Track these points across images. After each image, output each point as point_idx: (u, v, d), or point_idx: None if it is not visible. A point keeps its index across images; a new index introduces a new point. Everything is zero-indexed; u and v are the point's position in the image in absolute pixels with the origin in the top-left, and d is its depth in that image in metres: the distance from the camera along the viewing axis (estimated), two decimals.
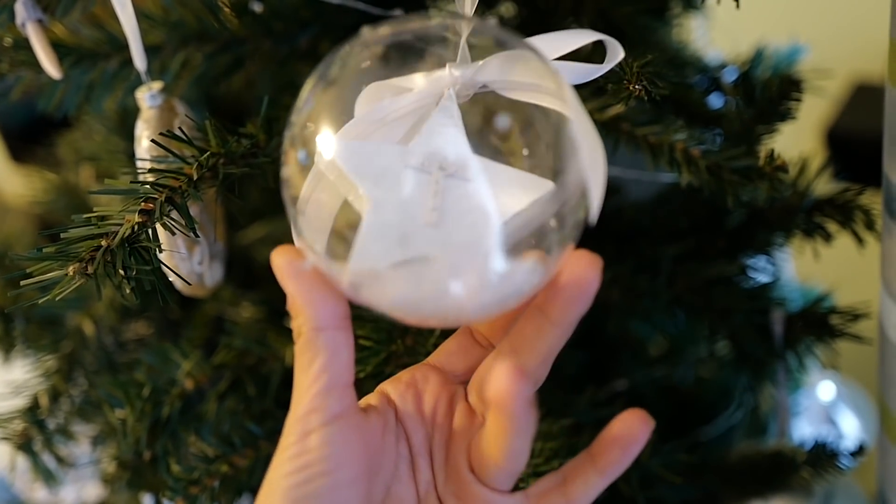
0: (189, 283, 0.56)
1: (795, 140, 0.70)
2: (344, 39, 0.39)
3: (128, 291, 0.45)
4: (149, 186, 0.47)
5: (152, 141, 0.51)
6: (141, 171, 0.50)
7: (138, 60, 0.53)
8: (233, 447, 0.58)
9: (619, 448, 0.40)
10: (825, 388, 1.04)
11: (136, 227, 0.45)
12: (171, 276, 0.55)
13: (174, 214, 0.47)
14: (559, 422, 0.57)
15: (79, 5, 0.54)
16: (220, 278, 0.60)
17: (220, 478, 0.56)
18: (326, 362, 0.38)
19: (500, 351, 0.40)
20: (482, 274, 0.35)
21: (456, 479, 0.41)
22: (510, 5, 0.69)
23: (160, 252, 0.51)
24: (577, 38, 0.42)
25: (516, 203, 0.37)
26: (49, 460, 0.68)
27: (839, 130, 1.43)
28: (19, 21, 0.53)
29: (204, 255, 0.57)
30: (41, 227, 1.12)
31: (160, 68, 0.60)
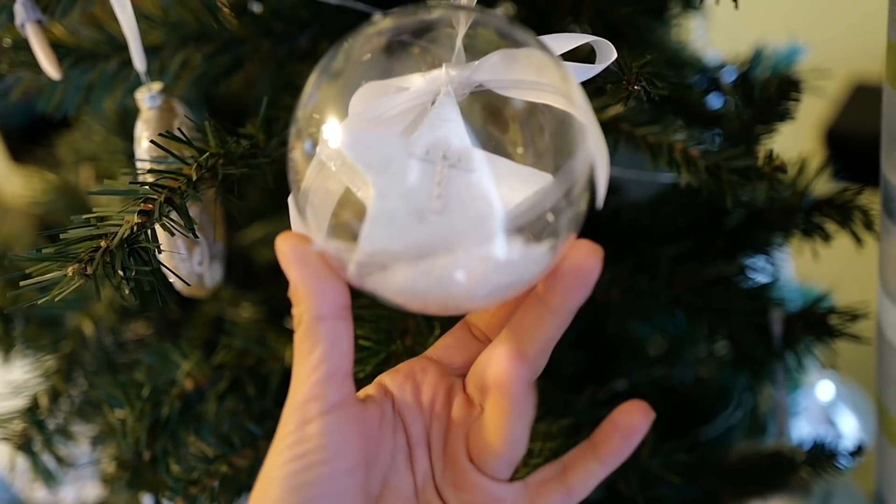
0: (189, 284, 0.56)
1: (794, 140, 0.70)
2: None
3: (127, 292, 0.45)
4: (148, 187, 0.47)
5: (151, 142, 0.51)
6: (140, 171, 0.50)
7: (138, 61, 0.53)
8: (232, 447, 0.58)
9: (621, 437, 0.40)
10: (824, 388, 1.04)
11: (136, 228, 0.45)
12: (171, 277, 0.55)
13: (173, 215, 0.47)
14: (559, 422, 0.57)
15: (78, 6, 0.54)
16: (220, 279, 0.60)
17: (219, 478, 0.56)
18: (326, 351, 0.38)
19: (500, 339, 0.40)
20: (485, 261, 0.35)
21: (454, 468, 0.41)
22: (509, 5, 0.69)
23: (160, 253, 0.51)
24: (569, 41, 0.42)
25: (518, 194, 0.37)
26: (49, 460, 0.68)
27: (838, 130, 1.43)
28: (19, 22, 0.53)
29: (204, 256, 0.57)
30: (41, 227, 1.12)
31: (160, 69, 0.60)
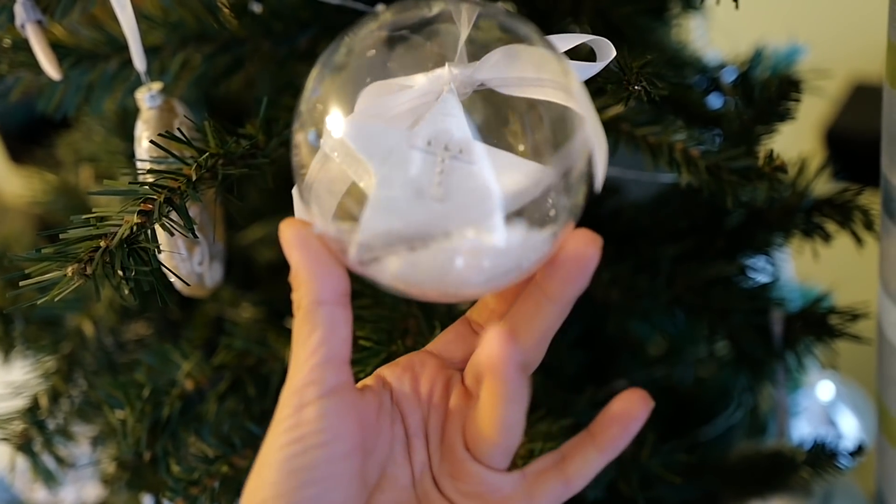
0: (188, 284, 0.56)
1: (795, 140, 0.70)
2: None
3: (126, 292, 0.45)
4: (148, 187, 0.47)
5: (151, 142, 0.51)
6: (140, 171, 0.50)
7: (138, 61, 0.53)
8: (233, 448, 0.58)
9: (620, 425, 0.40)
10: (824, 388, 1.04)
11: (135, 228, 0.45)
12: (171, 277, 0.55)
13: (173, 215, 0.47)
14: (559, 422, 0.57)
15: (78, 6, 0.54)
16: (220, 279, 0.60)
17: (220, 478, 0.56)
18: (324, 336, 0.38)
19: (493, 323, 0.40)
20: (484, 248, 0.36)
21: (451, 458, 0.41)
22: (510, 5, 0.69)
23: (159, 253, 0.51)
24: (568, 41, 0.42)
25: (518, 185, 0.38)
26: (49, 461, 0.68)
27: (838, 130, 1.43)
28: (19, 22, 0.53)
29: (204, 256, 0.57)
30: (40, 227, 1.12)
31: (160, 69, 0.60)
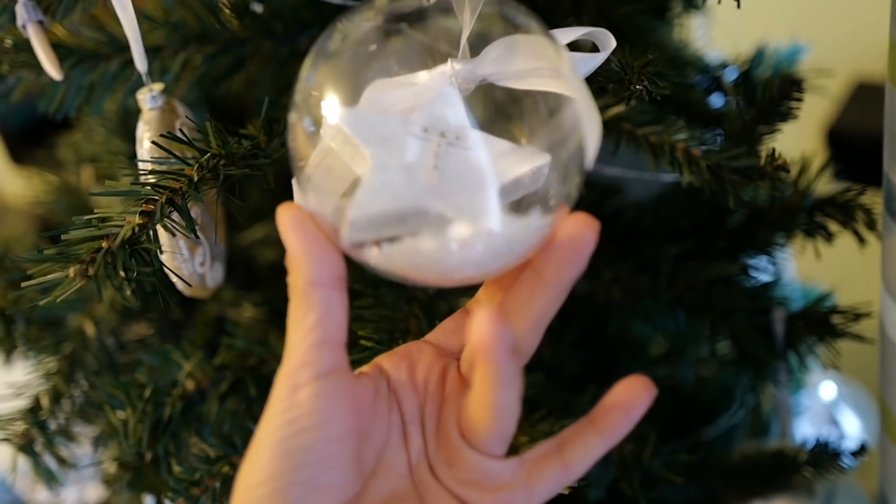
0: (190, 285, 0.56)
1: (796, 140, 0.70)
2: None
3: (128, 293, 0.45)
4: (149, 188, 0.47)
5: (153, 142, 0.51)
6: (142, 172, 0.50)
7: (139, 62, 0.53)
8: (234, 448, 0.58)
9: (622, 411, 0.40)
10: (827, 388, 1.04)
11: (137, 229, 0.45)
12: (173, 278, 0.55)
13: (175, 216, 0.47)
14: (560, 422, 0.56)
15: (79, 7, 0.54)
16: (222, 279, 0.60)
17: (221, 479, 0.56)
18: (319, 317, 0.38)
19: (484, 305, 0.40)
20: (479, 232, 0.36)
21: (447, 446, 0.40)
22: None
23: (161, 253, 0.51)
24: (567, 35, 0.43)
25: (514, 170, 0.38)
26: (50, 461, 0.68)
27: (840, 130, 1.43)
28: (20, 22, 0.53)
29: (205, 256, 0.57)
30: (42, 228, 1.12)
31: (161, 69, 0.60)
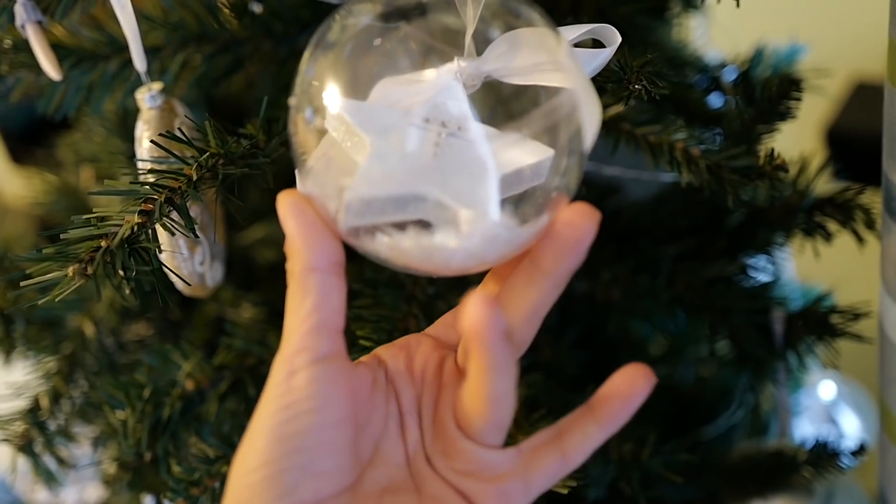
0: (189, 284, 0.56)
1: (796, 139, 0.70)
2: None
3: (127, 292, 0.45)
4: (148, 187, 0.47)
5: (152, 142, 0.51)
6: (141, 171, 0.50)
7: (138, 62, 0.53)
8: (233, 448, 0.57)
9: (621, 399, 0.39)
10: (826, 388, 1.04)
11: (136, 228, 0.45)
12: (172, 277, 0.55)
13: (174, 215, 0.47)
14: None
15: (78, 7, 0.54)
16: (221, 278, 0.60)
17: (220, 479, 0.56)
18: (316, 303, 0.38)
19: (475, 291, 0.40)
20: (477, 220, 0.36)
21: (443, 436, 0.40)
22: None
23: (160, 253, 0.51)
24: (571, 32, 0.43)
25: (515, 162, 0.38)
26: (50, 462, 0.68)
27: (839, 129, 1.43)
28: (19, 23, 0.53)
29: (205, 256, 0.57)
30: (42, 227, 1.12)
31: (160, 69, 0.60)
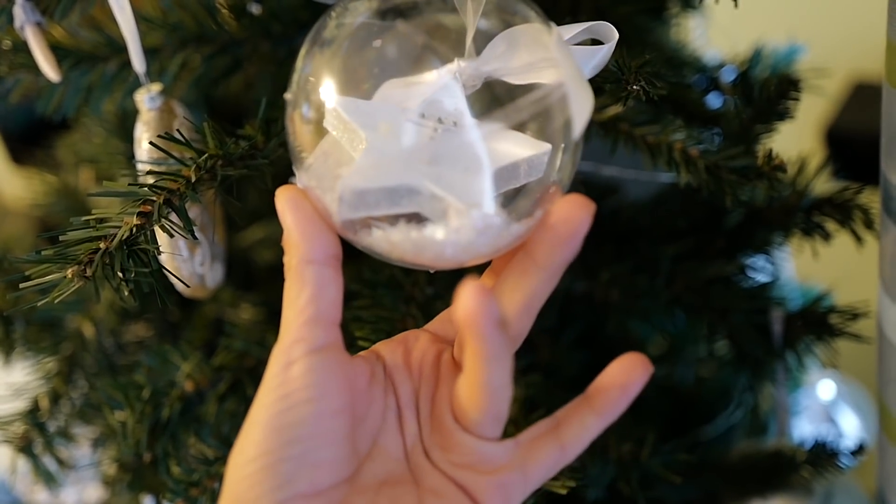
0: (188, 286, 0.56)
1: (795, 139, 0.70)
2: None
3: (126, 294, 0.45)
4: (147, 189, 0.47)
5: (150, 143, 0.51)
6: (140, 173, 0.50)
7: (137, 63, 0.53)
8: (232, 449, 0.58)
9: (618, 389, 0.39)
10: (825, 387, 1.04)
11: (135, 230, 0.45)
12: (172, 278, 0.55)
13: (173, 217, 0.47)
14: None
15: (77, 8, 0.54)
16: (221, 279, 0.60)
17: (220, 479, 0.56)
18: (313, 295, 0.38)
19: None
20: (472, 213, 0.36)
21: (440, 429, 0.40)
22: None
23: (159, 254, 0.51)
24: (567, 31, 0.43)
25: (509, 156, 0.38)
26: (50, 462, 0.68)
27: (839, 129, 1.43)
28: (18, 24, 0.53)
29: (205, 257, 0.57)
30: (41, 229, 1.12)
31: (159, 70, 0.60)
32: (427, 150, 0.37)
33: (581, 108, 0.37)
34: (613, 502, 0.62)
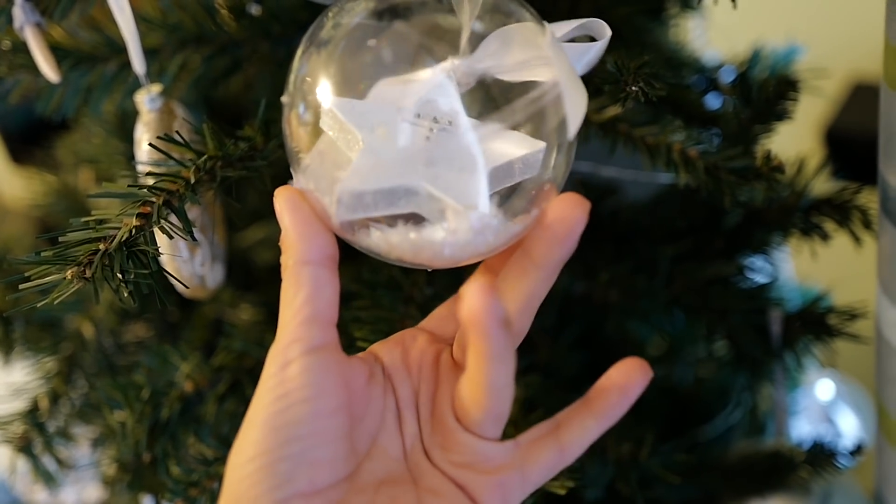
0: (187, 287, 0.56)
1: (795, 140, 0.70)
2: None
3: (126, 295, 0.45)
4: (146, 190, 0.47)
5: (150, 145, 0.51)
6: (139, 174, 0.50)
7: (137, 63, 0.53)
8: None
9: (618, 392, 0.40)
10: (823, 387, 1.04)
11: (134, 231, 0.45)
12: (171, 279, 0.55)
13: (172, 218, 0.47)
14: None
15: (77, 8, 0.54)
16: (222, 280, 0.60)
17: (219, 480, 0.56)
18: (309, 295, 0.38)
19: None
20: (468, 213, 0.37)
21: (441, 429, 0.40)
22: None
23: (158, 255, 0.51)
24: (561, 28, 0.43)
25: (505, 155, 0.39)
26: (49, 462, 0.68)
27: (838, 130, 1.43)
28: (17, 25, 0.53)
29: (205, 257, 0.57)
30: (41, 229, 1.12)
31: (158, 71, 0.60)
32: (423, 151, 0.38)
33: (575, 107, 0.37)
34: (612, 502, 0.63)
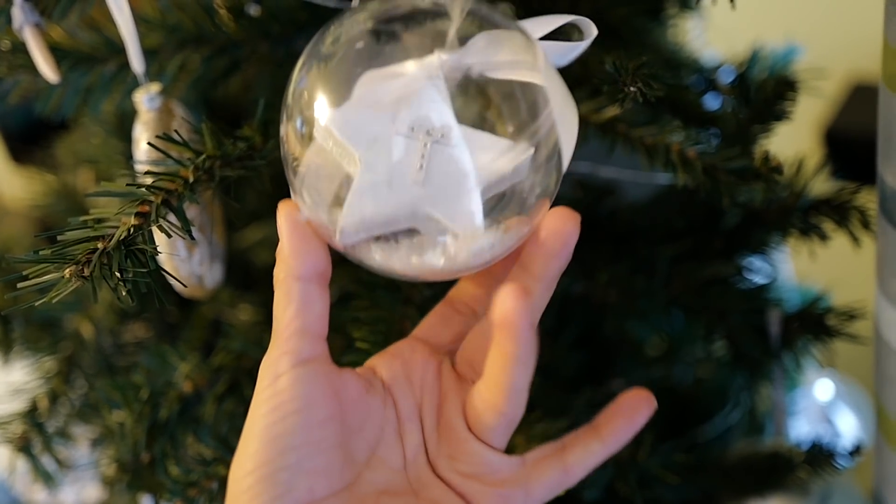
0: (186, 286, 0.56)
1: (794, 140, 0.70)
2: None
3: (124, 294, 0.45)
4: (145, 189, 0.47)
5: (149, 144, 0.51)
6: (138, 173, 0.50)
7: (136, 63, 0.53)
8: (230, 449, 0.58)
9: (625, 418, 0.41)
10: (822, 388, 1.04)
11: (132, 230, 0.45)
12: (170, 278, 0.55)
13: (171, 217, 0.47)
14: (556, 423, 0.57)
15: (76, 9, 0.54)
16: (220, 279, 0.60)
17: (218, 480, 0.56)
18: (299, 309, 0.39)
19: (506, 281, 0.41)
20: (465, 230, 0.38)
21: (450, 439, 0.41)
22: (506, 6, 0.69)
23: (157, 254, 0.51)
24: (550, 23, 0.43)
25: (497, 166, 0.39)
26: (48, 462, 0.68)
27: (838, 130, 1.43)
28: (17, 25, 0.53)
29: (204, 257, 0.57)
30: (40, 229, 1.12)
31: (157, 71, 0.60)
32: (418, 169, 0.39)
33: (570, 130, 0.39)
34: (611, 502, 0.63)
